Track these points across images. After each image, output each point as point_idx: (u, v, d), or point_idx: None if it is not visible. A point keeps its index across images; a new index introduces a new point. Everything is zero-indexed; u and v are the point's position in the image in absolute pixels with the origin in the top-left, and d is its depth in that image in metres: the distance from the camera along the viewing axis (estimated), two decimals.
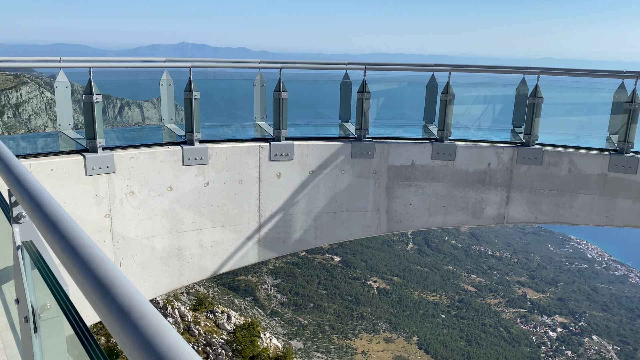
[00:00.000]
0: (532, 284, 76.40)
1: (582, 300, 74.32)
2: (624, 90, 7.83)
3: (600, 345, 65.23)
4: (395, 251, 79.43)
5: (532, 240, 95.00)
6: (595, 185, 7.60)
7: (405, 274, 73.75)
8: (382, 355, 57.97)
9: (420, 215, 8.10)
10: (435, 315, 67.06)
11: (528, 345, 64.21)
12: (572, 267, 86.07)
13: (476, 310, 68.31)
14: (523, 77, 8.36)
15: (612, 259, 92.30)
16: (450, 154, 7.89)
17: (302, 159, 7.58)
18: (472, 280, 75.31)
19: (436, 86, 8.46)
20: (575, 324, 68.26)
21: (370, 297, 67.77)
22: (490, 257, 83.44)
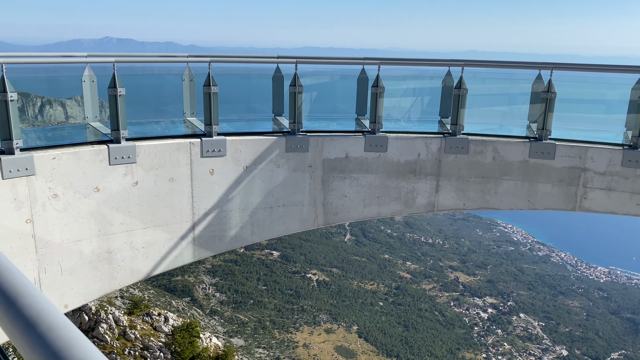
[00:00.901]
0: (463, 268, 79.83)
1: (510, 281, 78.55)
2: (541, 80, 8.29)
3: (527, 322, 69.30)
4: (334, 243, 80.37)
5: (462, 226, 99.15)
6: (517, 172, 8.01)
7: (343, 264, 74.83)
8: (324, 347, 58.63)
9: (355, 206, 8.22)
10: (373, 303, 68.58)
11: (462, 326, 67.12)
12: (500, 250, 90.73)
13: (412, 296, 70.53)
14: (448, 69, 8.65)
15: (536, 240, 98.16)
16: (383, 145, 8.05)
17: (236, 154, 7.47)
18: (407, 267, 77.63)
19: (367, 79, 8.58)
20: (504, 303, 72.09)
21: (310, 289, 68.25)
22: (423, 244, 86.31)
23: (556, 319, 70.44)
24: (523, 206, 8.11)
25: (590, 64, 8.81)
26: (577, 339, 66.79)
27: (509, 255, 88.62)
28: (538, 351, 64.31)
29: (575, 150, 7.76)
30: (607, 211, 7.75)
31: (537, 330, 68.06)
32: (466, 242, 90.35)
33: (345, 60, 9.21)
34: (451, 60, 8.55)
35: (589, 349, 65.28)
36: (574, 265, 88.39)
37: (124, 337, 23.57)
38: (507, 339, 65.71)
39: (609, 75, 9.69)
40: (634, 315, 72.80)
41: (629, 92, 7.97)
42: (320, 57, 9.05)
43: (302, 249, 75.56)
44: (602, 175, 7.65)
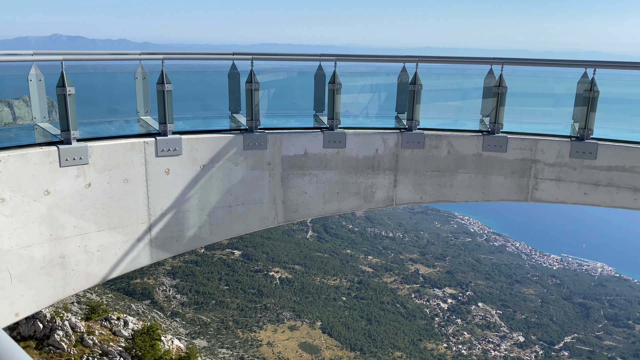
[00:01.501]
0: (423, 260, 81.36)
1: (468, 271, 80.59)
2: (492, 75, 8.51)
3: (486, 310, 71.32)
4: (296, 240, 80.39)
5: (421, 219, 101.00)
6: (471, 165, 8.21)
7: (306, 261, 74.97)
8: (288, 344, 58.62)
9: (315, 203, 8.23)
10: (336, 298, 69.03)
11: (423, 318, 68.44)
12: (458, 241, 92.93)
13: (374, 290, 71.39)
14: (403, 65, 8.76)
15: (492, 231, 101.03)
16: (341, 141, 8.09)
17: (192, 153, 7.35)
18: (369, 261, 78.48)
19: (324, 76, 8.59)
20: (463, 293, 73.94)
21: (273, 287, 68.06)
22: (384, 238, 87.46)
23: (513, 306, 72.79)
24: (478, 198, 8.32)
25: (538, 59, 9.11)
26: (533, 325, 69.23)
27: (467, 246, 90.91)
28: (496, 339, 66.30)
29: (526, 143, 8.01)
30: (557, 201, 8.04)
31: (495, 318, 70.15)
32: (425, 234, 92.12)
33: (302, 57, 9.20)
34: (406, 57, 8.66)
35: (544, 334, 67.77)
36: (529, 254, 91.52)
37: (82, 343, 22.89)
38: (467, 328, 67.45)
39: (557, 69, 10.05)
40: (585, 300, 76.02)
41: (575, 85, 8.29)
42: (276, 54, 9.02)
43: (264, 247, 75.22)
44: (552, 166, 7.94)
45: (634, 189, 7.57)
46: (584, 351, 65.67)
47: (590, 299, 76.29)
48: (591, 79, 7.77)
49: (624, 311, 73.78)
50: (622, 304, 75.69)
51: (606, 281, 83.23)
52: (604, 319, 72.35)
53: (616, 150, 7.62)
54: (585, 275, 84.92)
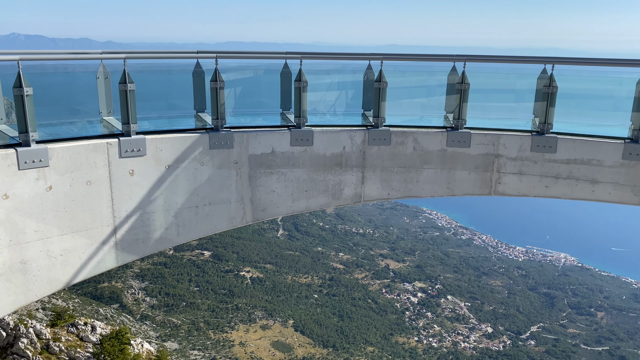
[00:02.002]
0: (393, 255, 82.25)
1: (437, 265, 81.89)
2: (455, 72, 8.64)
3: (455, 303, 72.63)
4: (267, 239, 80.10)
5: (390, 215, 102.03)
6: (437, 160, 8.34)
7: (277, 260, 74.80)
8: (260, 343, 58.41)
9: (284, 201, 8.22)
10: (308, 296, 69.13)
11: (394, 312, 69.21)
12: (426, 236, 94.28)
13: (345, 286, 71.79)
14: (369, 63, 8.81)
15: (459, 225, 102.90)
16: (308, 139, 8.10)
17: (157, 153, 7.24)
18: (340, 258, 78.86)
19: (290, 74, 8.57)
20: (433, 287, 75.10)
21: (244, 287, 67.67)
22: (355, 234, 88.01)
23: (481, 298, 74.34)
24: (443, 193, 8.46)
25: (500, 56, 9.31)
26: (500, 316, 70.87)
27: (435, 241, 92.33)
28: (466, 330, 67.60)
29: (489, 138, 8.18)
30: (519, 194, 8.25)
31: (464, 310, 71.50)
32: (395, 230, 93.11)
33: (267, 55, 9.17)
34: (371, 54, 8.72)
35: (511, 325, 69.44)
36: (495, 247, 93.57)
37: (48, 350, 22.28)
38: (437, 320, 68.55)
39: (518, 65, 10.26)
40: (549, 290, 78.25)
41: (535, 81, 8.50)
42: (241, 52, 8.93)
43: (234, 247, 74.68)
44: (514, 160, 8.13)
45: (592, 181, 7.83)
46: (549, 339, 67.60)
47: (554, 289, 78.57)
48: (550, 74, 7.98)
49: (586, 299, 76.27)
50: (584, 292, 78.23)
51: (569, 271, 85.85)
52: (567, 307, 74.65)
53: (575, 144, 7.86)
54: (549, 266, 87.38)
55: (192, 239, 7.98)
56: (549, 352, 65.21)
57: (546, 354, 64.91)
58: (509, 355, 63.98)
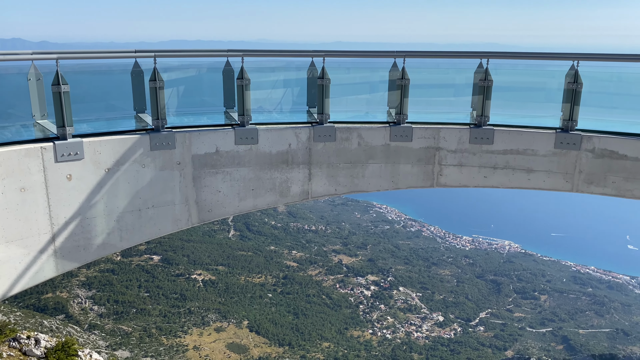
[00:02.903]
0: (345, 250, 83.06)
1: (388, 257, 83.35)
2: (396, 68, 8.82)
3: (407, 294, 74.18)
4: (218, 240, 79.00)
5: (341, 211, 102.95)
6: (381, 155, 8.49)
7: (229, 261, 73.94)
8: (215, 346, 57.65)
9: (230, 201, 8.14)
10: (262, 295, 68.77)
11: (348, 307, 69.94)
12: (377, 229, 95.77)
13: (299, 284, 71.90)
14: (312, 60, 8.86)
15: (408, 217, 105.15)
16: (253, 138, 8.05)
17: (95, 156, 7.00)
18: (293, 256, 78.86)
19: (232, 72, 8.49)
20: (385, 279, 76.39)
21: (196, 290, 66.51)
22: (307, 231, 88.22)
23: (431, 288, 76.29)
24: (388, 187, 8.63)
25: (438, 51, 9.57)
26: (451, 304, 73.00)
27: (386, 234, 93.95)
28: (418, 320, 69.21)
29: (430, 132, 8.41)
30: (460, 185, 8.53)
31: (416, 300, 73.19)
32: (346, 225, 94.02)
33: (209, 53, 9.03)
34: (313, 51, 8.76)
35: (461, 312, 71.66)
36: (443, 237, 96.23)
37: None
38: (390, 312, 69.83)
39: (456, 60, 10.59)
40: (496, 277, 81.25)
41: (472, 75, 8.79)
42: (180, 51, 8.75)
43: (185, 249, 73.23)
44: (453, 152, 8.39)
45: (528, 170, 8.19)
46: (497, 324, 70.25)
47: (500, 275, 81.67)
48: (485, 68, 8.28)
49: (530, 284, 79.73)
50: (528, 277, 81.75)
51: (513, 257, 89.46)
52: (513, 292, 77.80)
53: (510, 135, 8.20)
54: (495, 254, 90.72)
55: (136, 243, 7.78)
56: (497, 337, 67.78)
57: (495, 339, 67.44)
58: (460, 342, 66.03)
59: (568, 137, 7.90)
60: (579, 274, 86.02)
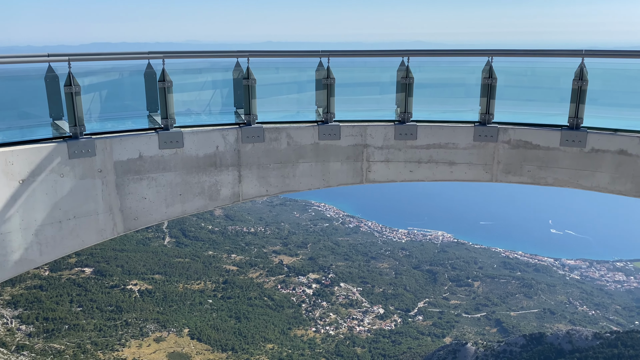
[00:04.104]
0: (286, 251, 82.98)
1: (328, 255, 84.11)
2: (322, 67, 8.90)
3: (348, 290, 75.19)
4: (153, 249, 76.63)
5: (280, 211, 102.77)
6: (310, 154, 8.55)
7: (166, 269, 71.92)
8: (155, 357, 55.93)
9: (157, 207, 7.92)
10: (202, 302, 67.42)
11: (290, 306, 69.96)
12: (316, 228, 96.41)
13: (240, 287, 71.10)
14: (237, 60, 8.77)
15: (346, 214, 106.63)
16: (178, 141, 7.87)
17: (7, 167, 6.59)
18: (232, 259, 77.84)
19: (154, 74, 8.25)
20: (326, 277, 77.04)
21: (132, 301, 64.21)
22: (246, 234, 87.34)
23: (371, 282, 77.77)
24: (319, 185, 8.70)
25: (361, 50, 9.76)
26: (390, 296, 74.76)
27: (325, 232, 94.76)
28: (359, 314, 70.36)
29: (357, 129, 8.55)
30: (388, 180, 8.74)
31: (357, 295, 74.35)
32: (286, 225, 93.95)
33: (128, 56, 8.70)
34: (238, 52, 8.68)
35: (400, 303, 73.55)
36: (380, 232, 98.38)
37: None
38: (332, 309, 70.52)
39: (381, 59, 10.81)
40: (431, 267, 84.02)
41: (395, 74, 9.03)
42: (97, 54, 8.38)
43: (118, 260, 70.47)
44: (380, 149, 8.59)
45: (450, 163, 8.52)
46: (435, 313, 72.69)
47: (435, 265, 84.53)
48: (406, 66, 8.53)
49: (464, 272, 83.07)
50: (461, 265, 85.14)
51: (447, 247, 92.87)
52: (448, 281, 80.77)
53: (432, 130, 8.49)
54: (429, 244, 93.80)
55: (58, 257, 7.39)
56: (435, 325, 70.14)
57: (433, 327, 69.76)
58: (401, 332, 67.78)
59: (486, 130, 8.29)
60: (508, 259, 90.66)
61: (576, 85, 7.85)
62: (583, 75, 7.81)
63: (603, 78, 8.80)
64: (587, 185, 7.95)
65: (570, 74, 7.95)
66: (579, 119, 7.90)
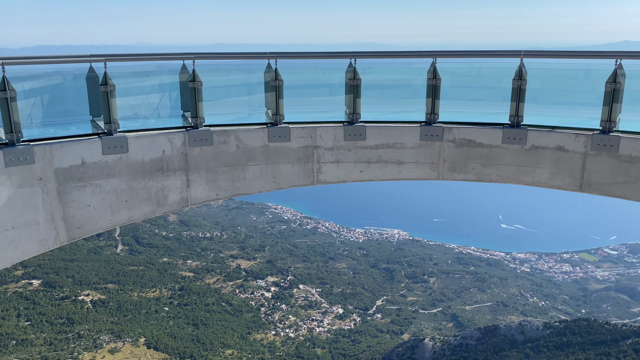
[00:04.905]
0: (243, 255, 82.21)
1: (287, 257, 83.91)
2: (271, 69, 8.87)
3: (307, 291, 75.22)
4: (105, 257, 74.30)
5: (236, 215, 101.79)
6: (260, 156, 8.49)
7: (120, 278, 69.89)
8: None
9: (102, 215, 7.67)
10: (158, 310, 65.90)
11: (249, 311, 69.36)
12: (274, 230, 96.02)
13: (197, 294, 69.90)
14: (183, 63, 8.61)
15: (304, 216, 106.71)
16: (122, 146, 7.65)
17: None
18: (188, 265, 76.46)
19: (96, 78, 8.01)
20: (285, 279, 76.81)
21: (84, 313, 62.05)
22: (202, 239, 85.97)
23: (330, 282, 78.09)
24: (270, 187, 8.66)
25: (309, 52, 9.80)
26: (349, 296, 75.29)
27: (283, 234, 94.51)
28: (319, 315, 70.52)
29: (307, 131, 8.56)
30: (339, 181, 8.79)
31: (316, 296, 74.49)
32: (243, 229, 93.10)
33: (67, 59, 8.42)
34: (184, 54, 8.52)
35: (359, 302, 74.19)
36: (338, 232, 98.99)
37: None
38: (292, 311, 70.38)
39: (332, 61, 10.84)
40: (388, 265, 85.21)
41: (344, 75, 9.09)
42: (31, 57, 8.00)
43: (69, 270, 67.94)
44: (330, 150, 8.63)
45: (398, 162, 8.66)
46: (393, 310, 73.73)
47: (392, 263, 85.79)
48: (354, 68, 8.61)
49: (420, 268, 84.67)
50: (417, 262, 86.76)
51: (403, 245, 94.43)
52: (405, 278, 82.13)
53: (381, 130, 8.60)
54: (386, 243, 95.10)
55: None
56: (393, 322, 71.16)
57: (392, 324, 70.74)
58: (360, 331, 68.37)
59: (431, 130, 8.47)
60: (462, 255, 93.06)
61: (516, 85, 8.13)
62: (522, 75, 8.10)
63: (542, 77, 9.15)
64: (528, 180, 8.25)
65: (512, 74, 8.23)
66: (519, 117, 8.19)
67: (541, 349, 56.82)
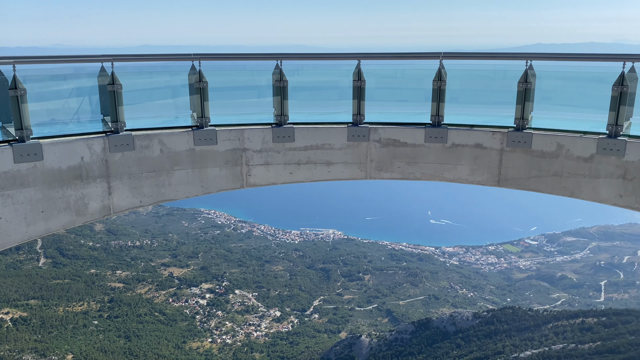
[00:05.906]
0: (176, 262, 80.00)
1: (221, 262, 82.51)
2: (195, 71, 8.67)
3: (243, 296, 74.35)
4: (26, 272, 69.83)
5: (167, 222, 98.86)
6: (186, 160, 8.28)
7: (43, 293, 65.94)
8: None
9: (16, 227, 7.19)
10: (87, 324, 62.81)
11: (184, 319, 67.58)
12: (207, 236, 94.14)
13: (128, 305, 67.26)
14: (101, 65, 8.26)
15: (238, 220, 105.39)
16: (37, 154, 7.21)
17: None
18: (118, 276, 73.42)
19: (6, 81, 7.48)
20: (220, 285, 75.52)
21: (4, 332, 57.99)
22: (131, 248, 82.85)
23: (266, 285, 77.63)
24: (198, 192, 8.46)
25: (234, 53, 9.74)
26: (286, 298, 75.18)
27: (217, 239, 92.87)
28: (256, 320, 69.91)
29: (234, 134, 8.45)
30: (269, 183, 8.74)
31: (252, 301, 73.79)
32: (174, 236, 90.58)
33: None
34: (102, 56, 8.16)
35: (296, 304, 74.26)
36: (273, 235, 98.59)
37: None
38: (228, 317, 69.30)
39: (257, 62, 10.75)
40: (324, 265, 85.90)
41: (271, 77, 9.05)
42: None
43: None
44: (259, 152, 8.56)
45: (327, 163, 8.73)
46: (330, 309, 74.39)
47: (328, 263, 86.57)
48: (280, 69, 8.60)
49: (355, 267, 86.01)
50: (352, 261, 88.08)
51: (338, 244, 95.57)
52: (341, 277, 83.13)
53: (309, 132, 8.64)
54: (321, 243, 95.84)
55: None
56: (331, 321, 71.80)
57: (329, 323, 71.36)
58: (298, 332, 68.45)
59: (358, 130, 8.61)
60: (394, 251, 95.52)
61: (436, 86, 8.43)
62: (442, 76, 8.41)
63: (461, 78, 9.55)
64: (450, 177, 8.58)
65: (434, 75, 8.53)
66: (440, 117, 8.50)
67: (471, 339, 59.41)
